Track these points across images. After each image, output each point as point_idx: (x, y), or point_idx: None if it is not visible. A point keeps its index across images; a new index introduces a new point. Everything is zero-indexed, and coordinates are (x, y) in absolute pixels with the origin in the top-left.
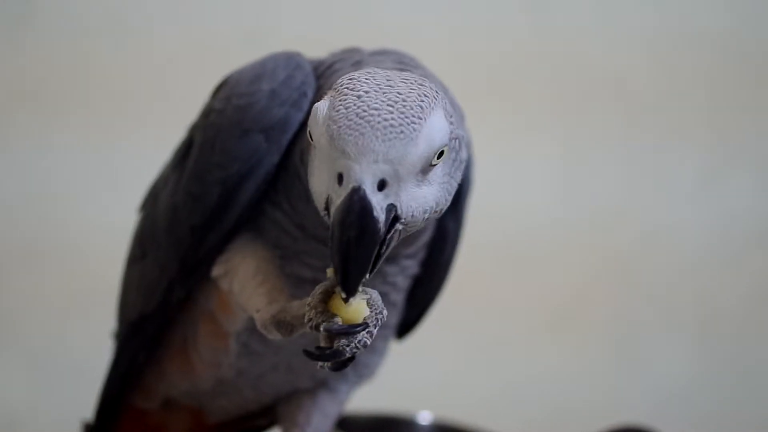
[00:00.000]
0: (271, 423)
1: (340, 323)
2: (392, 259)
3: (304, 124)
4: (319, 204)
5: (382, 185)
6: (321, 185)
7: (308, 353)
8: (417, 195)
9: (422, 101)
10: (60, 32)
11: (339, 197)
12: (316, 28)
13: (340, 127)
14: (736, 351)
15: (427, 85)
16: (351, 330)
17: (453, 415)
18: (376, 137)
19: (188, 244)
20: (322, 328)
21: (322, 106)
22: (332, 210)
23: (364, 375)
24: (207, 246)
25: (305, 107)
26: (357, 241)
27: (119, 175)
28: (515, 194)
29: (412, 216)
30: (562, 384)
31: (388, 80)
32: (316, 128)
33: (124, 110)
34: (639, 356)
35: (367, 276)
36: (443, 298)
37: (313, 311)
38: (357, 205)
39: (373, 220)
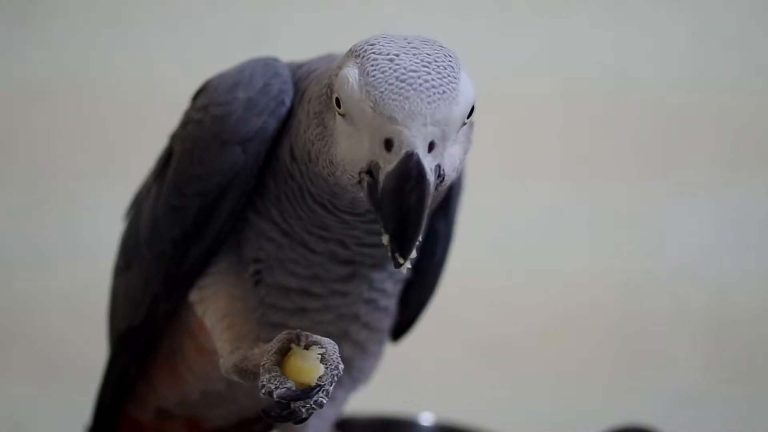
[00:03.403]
0: (268, 427)
1: (293, 388)
2: (380, 265)
3: (283, 128)
4: (352, 170)
5: (431, 147)
6: (355, 152)
7: (265, 413)
8: (452, 153)
9: (450, 61)
10: (62, 37)
11: (390, 163)
12: (318, 33)
13: (382, 92)
14: (746, 354)
15: (444, 46)
16: (304, 395)
17: (455, 416)
18: (422, 100)
19: (171, 258)
20: (275, 396)
21: (351, 73)
22: (381, 176)
23: (360, 379)
24: (190, 260)
25: (283, 115)
26: (416, 206)
27: (128, 180)
28: (518, 195)
29: (448, 175)
30: (566, 386)
31: (409, 42)
32: (350, 96)
33: (130, 116)
34: (645, 359)
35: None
36: (445, 300)
37: (267, 375)
38: (414, 170)
39: (429, 184)
